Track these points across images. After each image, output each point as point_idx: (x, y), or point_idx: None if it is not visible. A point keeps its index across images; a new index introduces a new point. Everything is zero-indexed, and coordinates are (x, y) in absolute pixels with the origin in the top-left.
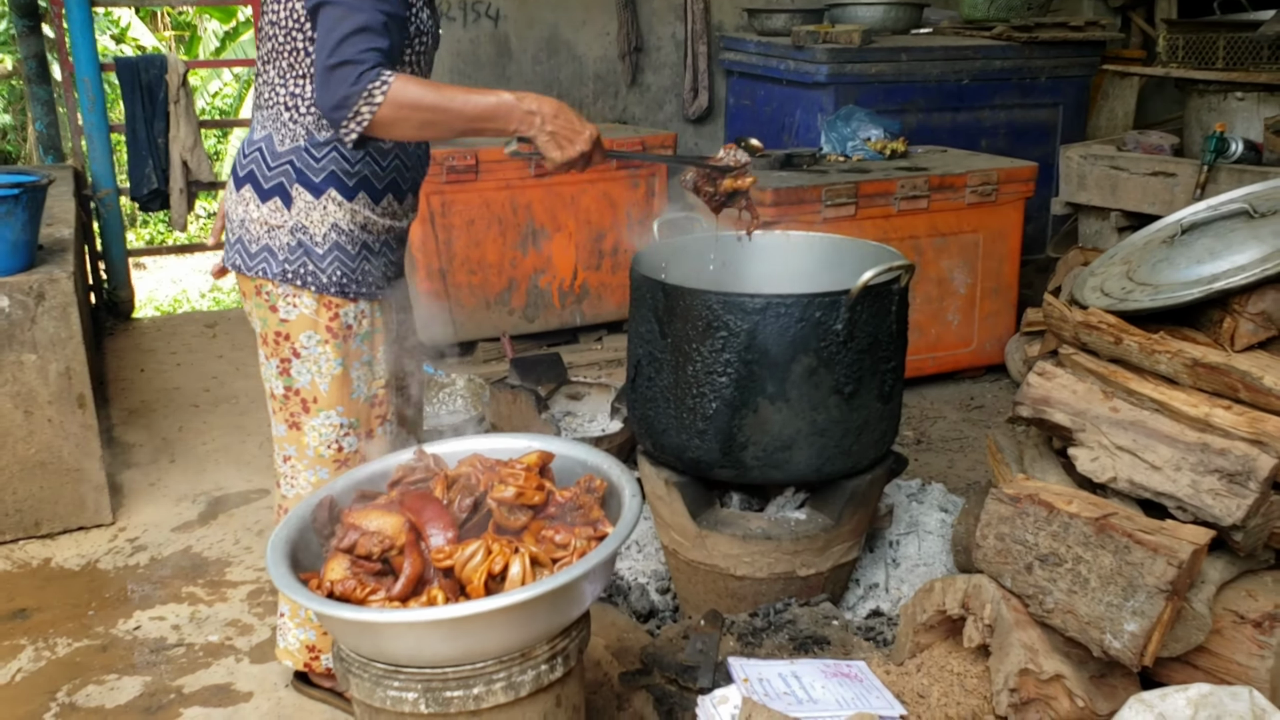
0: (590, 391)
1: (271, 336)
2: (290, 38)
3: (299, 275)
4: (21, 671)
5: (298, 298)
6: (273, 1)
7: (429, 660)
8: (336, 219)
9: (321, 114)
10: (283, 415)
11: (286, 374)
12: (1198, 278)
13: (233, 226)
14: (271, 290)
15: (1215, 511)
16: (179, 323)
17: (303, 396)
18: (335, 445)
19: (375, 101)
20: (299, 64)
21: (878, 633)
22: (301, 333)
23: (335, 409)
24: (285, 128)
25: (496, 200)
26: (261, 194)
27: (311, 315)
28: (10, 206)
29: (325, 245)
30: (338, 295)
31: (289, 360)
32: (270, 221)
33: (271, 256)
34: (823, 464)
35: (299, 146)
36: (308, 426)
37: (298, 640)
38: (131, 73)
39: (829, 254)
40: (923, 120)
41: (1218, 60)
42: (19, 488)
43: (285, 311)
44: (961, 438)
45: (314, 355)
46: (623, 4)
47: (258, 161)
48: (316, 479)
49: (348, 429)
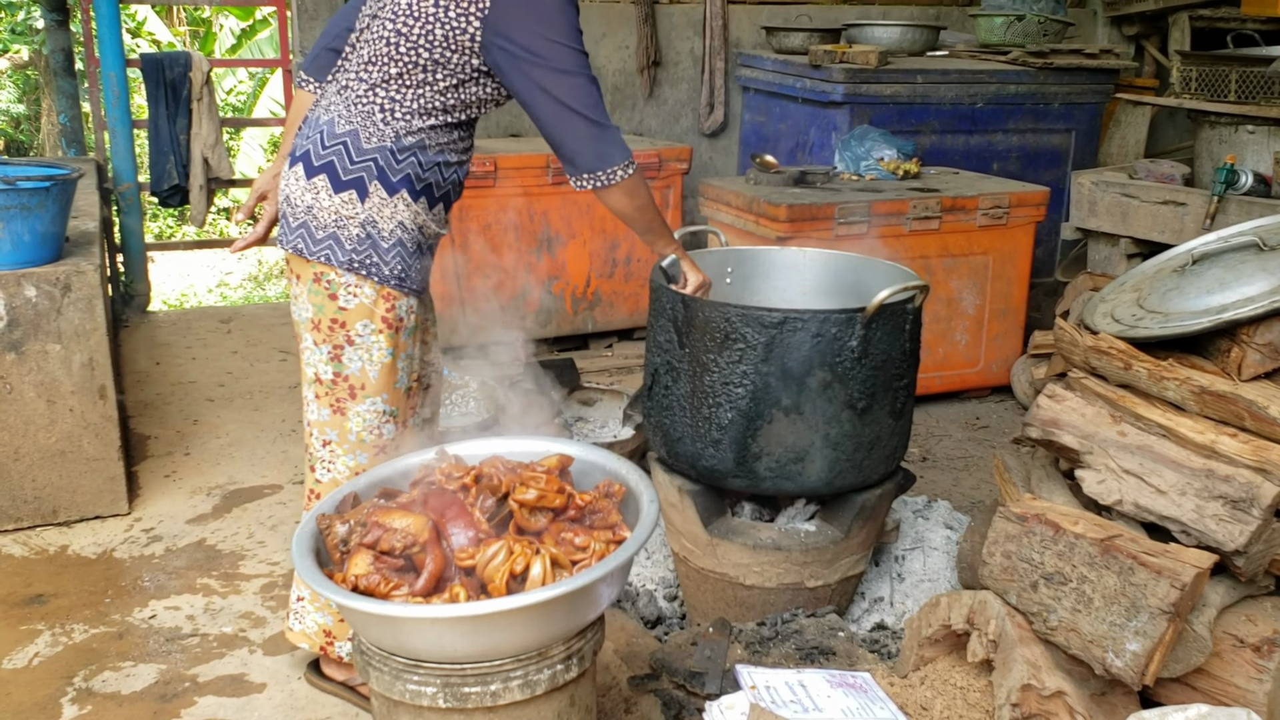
0: (602, 397)
1: (326, 323)
2: (416, 53)
3: (364, 265)
4: (39, 656)
5: (359, 288)
6: (406, 16)
7: (448, 656)
8: (403, 217)
9: (569, 158)
10: (328, 400)
11: (338, 360)
12: (1207, 307)
13: (295, 211)
14: (334, 279)
15: (1218, 537)
16: (194, 317)
17: (351, 383)
18: (377, 431)
19: (630, 170)
20: (410, 77)
21: (882, 645)
22: (358, 321)
23: (381, 396)
24: (375, 128)
25: (513, 206)
26: (337, 185)
27: (370, 305)
28: (41, 198)
29: (390, 240)
30: (396, 288)
31: (341, 347)
32: (342, 212)
33: (338, 245)
34: (834, 477)
35: (385, 147)
36: (352, 412)
37: (316, 624)
38: (156, 69)
39: (844, 271)
40: (936, 142)
41: (1230, 93)
42: (38, 475)
43: (345, 300)
44: (966, 456)
45: (367, 343)
46: (643, 18)
47: (339, 154)
48: (355, 464)
49: (388, 416)
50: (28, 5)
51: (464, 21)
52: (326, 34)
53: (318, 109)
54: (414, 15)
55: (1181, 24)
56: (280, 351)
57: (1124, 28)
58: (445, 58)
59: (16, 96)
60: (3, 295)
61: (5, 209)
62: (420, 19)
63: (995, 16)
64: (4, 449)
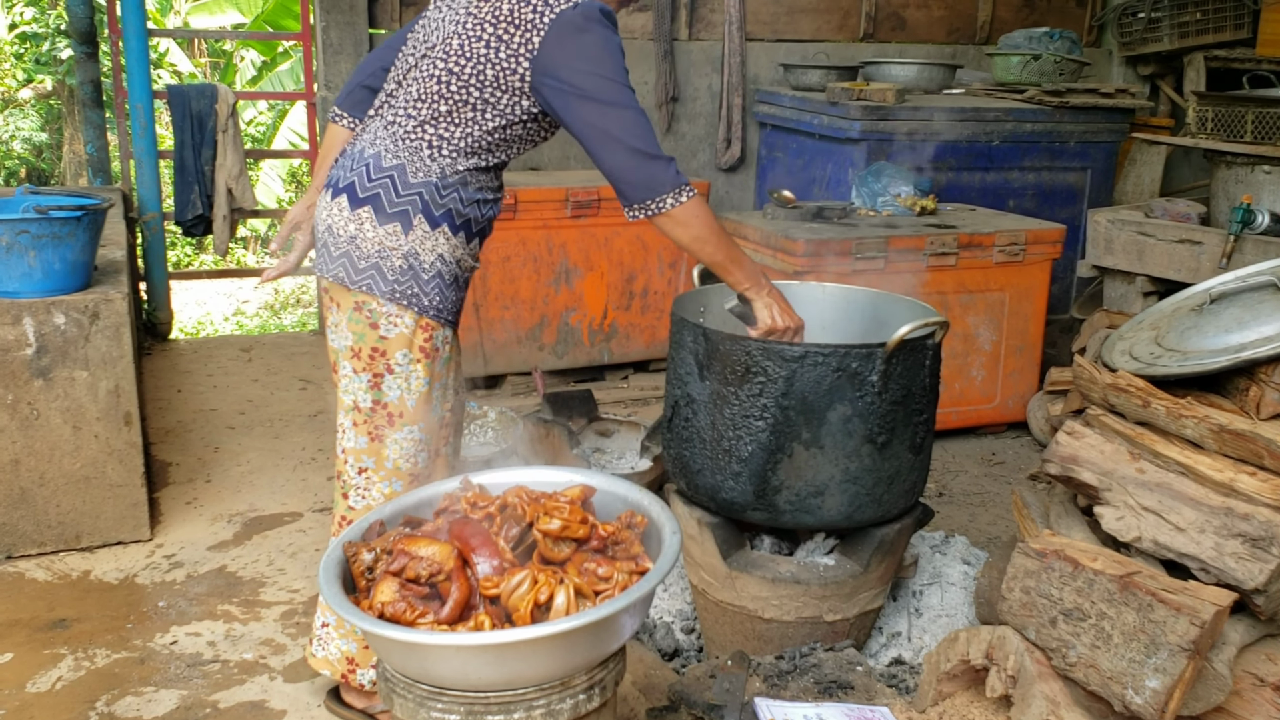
0: (620, 429)
1: (367, 351)
2: (466, 92)
3: (405, 296)
4: (62, 680)
5: (400, 317)
6: (458, 56)
7: (472, 684)
8: (443, 250)
9: (620, 189)
10: (366, 428)
11: (377, 388)
12: (1225, 346)
13: (337, 241)
14: (375, 308)
15: (1238, 575)
16: (215, 345)
17: (389, 411)
18: (413, 459)
19: (681, 199)
20: (459, 115)
21: (900, 680)
22: (398, 350)
23: (418, 425)
24: (423, 163)
25: (533, 238)
26: (382, 217)
27: (409, 335)
28: (72, 227)
29: (430, 272)
30: (435, 318)
31: (381, 375)
32: (386, 243)
33: (380, 275)
34: (853, 511)
35: (430, 182)
36: (390, 439)
37: (339, 650)
38: (183, 101)
39: (863, 306)
40: (952, 179)
41: (1246, 133)
42: (63, 501)
43: (385, 329)
44: (983, 492)
45: (405, 372)
46: (662, 55)
47: (386, 187)
48: (391, 490)
49: (423, 445)
50: (52, 36)
51: (513, 62)
52: (361, 71)
53: (360, 142)
54: (466, 55)
55: (1197, 64)
56: (300, 380)
57: (1139, 67)
58: (495, 98)
59: (39, 125)
60: (32, 322)
61: (37, 238)
62: (472, 59)
63: (1011, 55)
64: (30, 474)
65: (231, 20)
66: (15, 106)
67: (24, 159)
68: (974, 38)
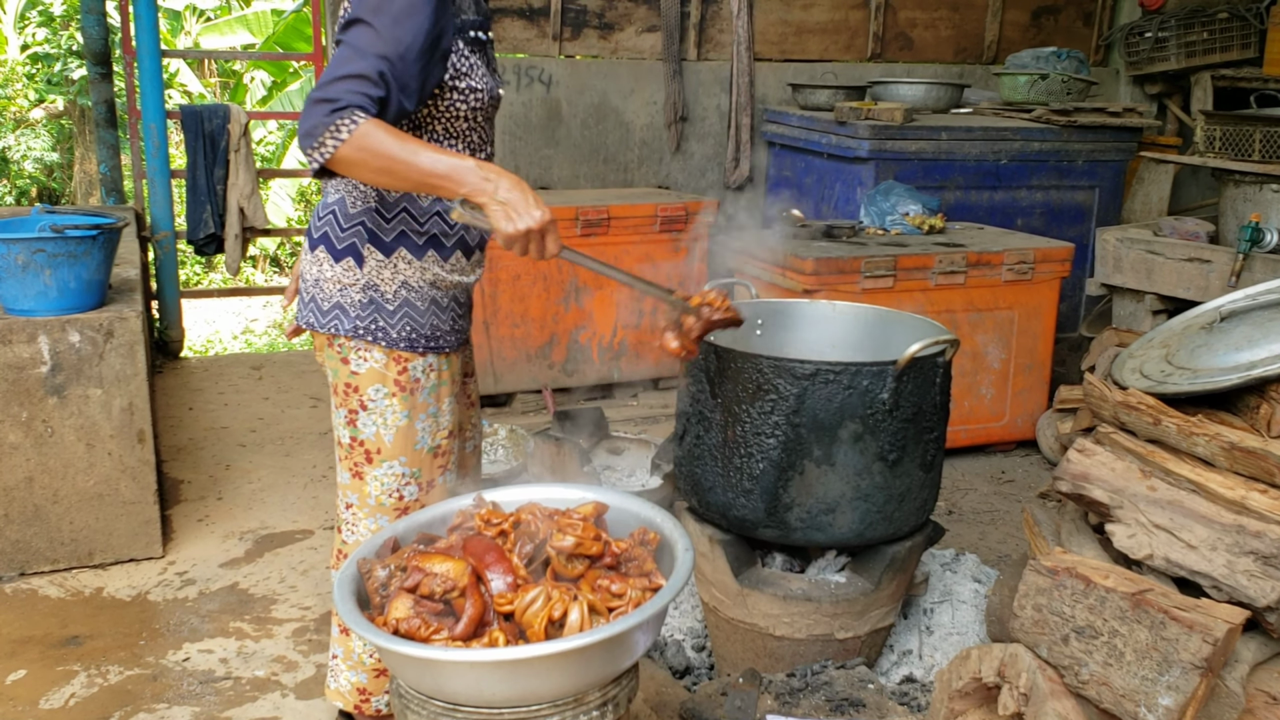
0: (630, 446)
1: (342, 388)
2: None
3: (370, 331)
4: (75, 697)
5: (368, 352)
6: None
7: (487, 700)
8: (406, 276)
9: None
10: (348, 464)
11: (353, 424)
12: (1236, 364)
13: (306, 285)
14: (344, 344)
15: (1250, 593)
16: (226, 363)
17: (366, 448)
18: (396, 494)
19: (340, 137)
20: None
21: (911, 698)
22: (370, 386)
23: (399, 459)
24: (358, 190)
25: None
26: (335, 254)
27: (381, 369)
28: (88, 246)
29: (395, 302)
30: (407, 350)
31: (356, 412)
32: (343, 280)
33: (343, 314)
34: (865, 528)
35: (370, 208)
36: (370, 476)
37: (349, 683)
38: (196, 121)
39: (873, 324)
40: (961, 198)
41: (1254, 152)
42: (76, 518)
43: (356, 364)
44: (992, 510)
45: (380, 408)
46: (671, 75)
47: (331, 224)
48: (376, 526)
49: (409, 478)
50: (64, 57)
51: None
52: None
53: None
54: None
55: (1204, 83)
56: (311, 398)
57: (1146, 86)
58: None
59: (51, 145)
60: (47, 340)
61: (53, 256)
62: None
63: (1019, 75)
64: (43, 491)
65: (242, 41)
66: (27, 126)
67: (35, 178)
68: (981, 57)
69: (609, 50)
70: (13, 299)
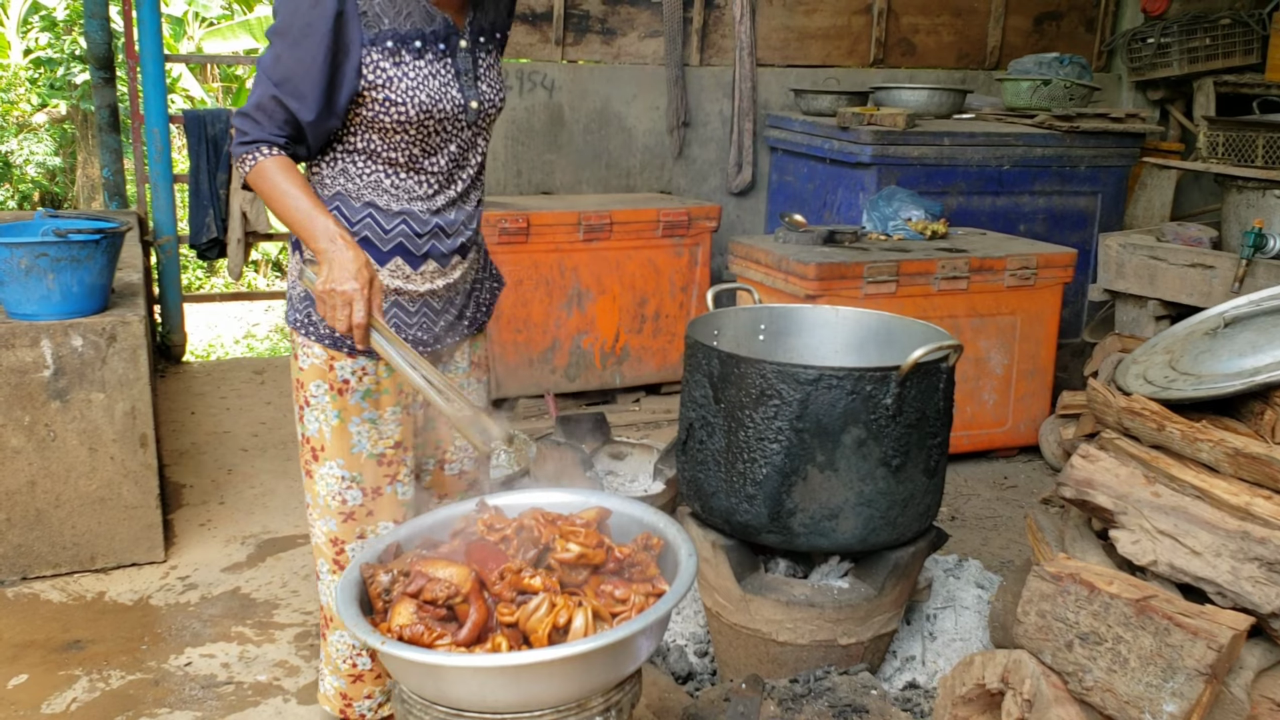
0: (633, 452)
1: (294, 382)
2: None
3: (303, 325)
4: (77, 701)
5: (309, 347)
6: None
7: (490, 706)
8: None
9: None
10: (301, 461)
11: (302, 421)
12: (1240, 370)
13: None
14: (295, 339)
15: (1254, 599)
16: (228, 368)
17: (312, 445)
18: (339, 497)
19: (244, 169)
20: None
21: (914, 704)
22: (312, 381)
23: (337, 461)
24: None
25: (545, 262)
26: (294, 244)
27: (321, 366)
28: (90, 251)
29: None
30: (332, 348)
31: (303, 407)
32: (293, 272)
33: (292, 306)
34: (868, 534)
35: (334, 208)
36: (317, 475)
37: (332, 688)
38: (198, 125)
39: (875, 330)
40: (963, 203)
41: (1257, 158)
42: (78, 522)
43: (302, 359)
44: (995, 516)
45: (321, 404)
46: (673, 80)
47: None
48: (326, 529)
49: (350, 482)
50: (67, 61)
51: None
52: None
53: None
54: None
55: (1206, 89)
56: None
57: (1149, 92)
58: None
59: (53, 149)
60: (50, 344)
61: (56, 260)
62: None
63: (1022, 81)
64: (46, 495)
65: (245, 45)
66: (30, 131)
67: (38, 183)
68: (984, 63)
69: (612, 55)
70: (16, 303)
